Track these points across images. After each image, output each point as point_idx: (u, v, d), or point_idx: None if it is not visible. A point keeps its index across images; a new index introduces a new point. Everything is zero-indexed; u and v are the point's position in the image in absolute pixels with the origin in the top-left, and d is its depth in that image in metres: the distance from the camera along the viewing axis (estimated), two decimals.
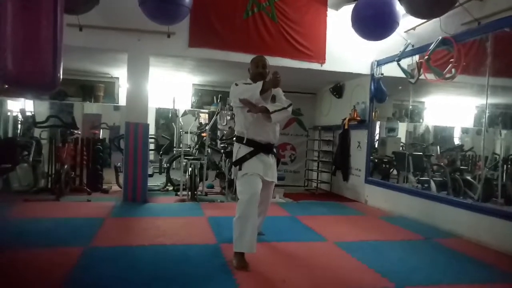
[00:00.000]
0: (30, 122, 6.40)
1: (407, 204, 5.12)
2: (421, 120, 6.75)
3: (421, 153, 5.88)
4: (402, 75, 5.29)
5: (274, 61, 5.56)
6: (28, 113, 6.90)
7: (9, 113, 7.16)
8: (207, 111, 7.80)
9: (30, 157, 5.71)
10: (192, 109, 7.80)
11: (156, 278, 2.64)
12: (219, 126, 6.77)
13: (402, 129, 6.44)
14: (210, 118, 7.30)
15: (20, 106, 7.11)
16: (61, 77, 2.84)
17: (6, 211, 4.40)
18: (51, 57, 2.69)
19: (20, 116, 7.00)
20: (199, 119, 7.72)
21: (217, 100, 7.64)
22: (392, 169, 6.43)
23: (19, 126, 7.17)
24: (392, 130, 6.58)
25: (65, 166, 5.53)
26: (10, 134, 6.99)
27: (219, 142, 6.73)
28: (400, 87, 5.81)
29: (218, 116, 6.52)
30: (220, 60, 5.55)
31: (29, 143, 5.86)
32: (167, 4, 4.36)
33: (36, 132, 6.46)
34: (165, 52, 5.38)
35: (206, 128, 6.32)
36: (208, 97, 8.04)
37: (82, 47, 5.09)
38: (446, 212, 4.44)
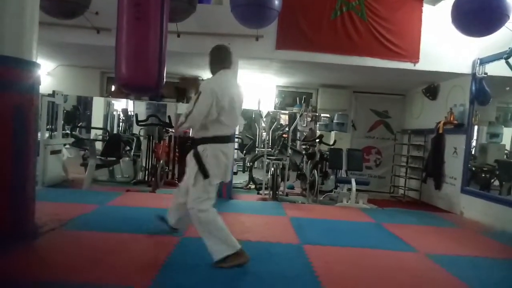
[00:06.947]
0: (133, 120, 7.13)
1: None
2: None
3: None
4: (510, 74, 4.72)
5: (361, 61, 5.45)
6: (129, 113, 7.71)
7: (114, 112, 8.09)
8: (287, 112, 7.86)
9: (131, 152, 6.36)
10: (274, 110, 7.94)
11: (244, 273, 2.74)
12: (299, 127, 6.79)
13: (507, 135, 5.75)
14: (290, 120, 7.36)
15: (122, 106, 7.99)
16: (164, 80, 3.14)
17: (112, 198, 4.96)
18: (157, 63, 2.99)
19: (122, 115, 7.87)
20: (279, 120, 7.83)
21: (300, 102, 7.65)
22: (493, 179, 5.77)
23: (121, 124, 8.05)
24: (495, 135, 5.90)
25: (161, 161, 6.04)
26: (115, 131, 7.88)
27: (299, 143, 6.74)
28: (507, 88, 5.20)
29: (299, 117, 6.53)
30: (306, 62, 5.56)
31: (131, 139, 6.54)
32: (258, 8, 4.50)
33: (135, 129, 7.18)
34: (253, 55, 5.54)
35: (286, 129, 6.39)
36: (290, 98, 8.09)
37: (179, 52, 5.48)
38: None
